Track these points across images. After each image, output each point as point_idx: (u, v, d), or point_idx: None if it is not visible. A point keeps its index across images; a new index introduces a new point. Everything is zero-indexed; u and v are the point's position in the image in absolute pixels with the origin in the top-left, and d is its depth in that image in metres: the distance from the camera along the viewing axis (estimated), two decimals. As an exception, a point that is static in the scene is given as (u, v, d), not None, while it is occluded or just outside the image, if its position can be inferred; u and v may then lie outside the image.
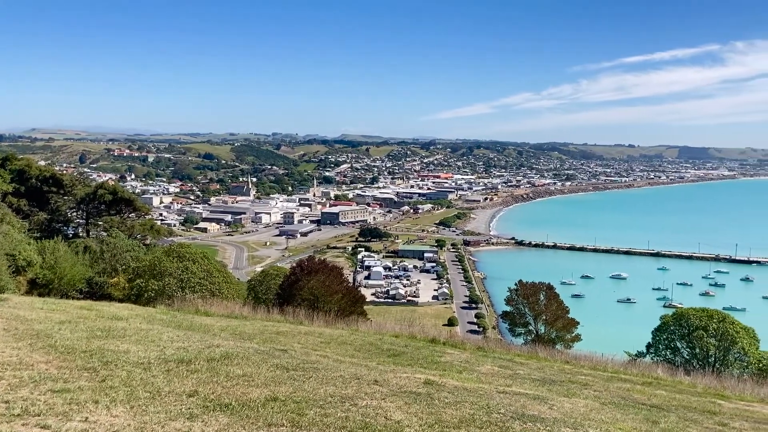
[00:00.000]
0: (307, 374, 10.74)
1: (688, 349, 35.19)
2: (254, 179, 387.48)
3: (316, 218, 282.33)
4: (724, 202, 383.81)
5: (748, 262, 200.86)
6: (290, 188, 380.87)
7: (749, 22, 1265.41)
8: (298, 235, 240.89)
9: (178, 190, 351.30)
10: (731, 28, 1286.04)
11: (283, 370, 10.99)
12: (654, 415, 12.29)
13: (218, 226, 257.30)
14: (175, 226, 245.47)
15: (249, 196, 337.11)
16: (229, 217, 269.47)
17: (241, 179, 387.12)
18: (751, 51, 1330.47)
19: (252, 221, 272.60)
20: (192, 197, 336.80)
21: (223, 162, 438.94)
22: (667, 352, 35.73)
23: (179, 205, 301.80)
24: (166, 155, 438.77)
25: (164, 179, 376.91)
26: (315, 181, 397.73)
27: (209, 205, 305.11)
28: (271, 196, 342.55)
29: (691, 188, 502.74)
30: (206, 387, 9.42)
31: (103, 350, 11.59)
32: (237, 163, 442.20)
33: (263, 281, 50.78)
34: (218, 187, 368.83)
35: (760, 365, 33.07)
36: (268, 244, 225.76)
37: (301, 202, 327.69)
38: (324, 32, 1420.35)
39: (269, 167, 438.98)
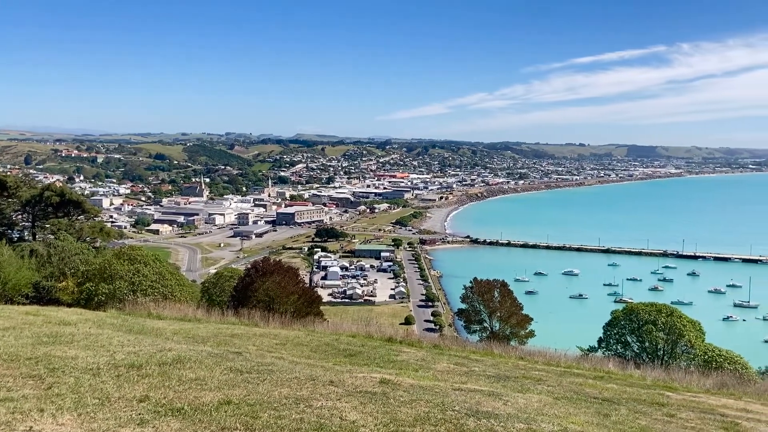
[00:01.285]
0: (261, 376, 10.61)
1: (638, 343, 36.13)
2: (207, 180, 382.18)
3: (272, 219, 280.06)
4: (672, 199, 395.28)
5: (695, 258, 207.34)
6: (244, 189, 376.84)
7: (694, 25, 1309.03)
8: (253, 236, 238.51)
9: (128, 191, 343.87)
10: (677, 30, 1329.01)
11: (237, 373, 10.84)
12: (605, 408, 12.55)
13: (171, 228, 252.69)
14: (125, 228, 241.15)
15: (202, 196, 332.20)
16: (181, 219, 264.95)
17: (193, 180, 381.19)
18: (696, 52, 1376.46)
19: (205, 222, 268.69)
20: (143, 198, 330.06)
21: (176, 162, 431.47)
22: (618, 347, 36.62)
23: (130, 207, 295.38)
24: (116, 156, 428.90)
25: (114, 180, 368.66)
26: (270, 181, 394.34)
27: (161, 206, 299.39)
28: (225, 196, 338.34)
29: (640, 186, 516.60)
30: (158, 392, 9.22)
31: (49, 356, 11.23)
32: (189, 164, 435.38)
33: (217, 283, 50.14)
34: (170, 188, 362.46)
35: (706, 357, 34.16)
36: (222, 245, 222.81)
37: (256, 202, 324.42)
38: (277, 31, 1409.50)
39: (223, 167, 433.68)
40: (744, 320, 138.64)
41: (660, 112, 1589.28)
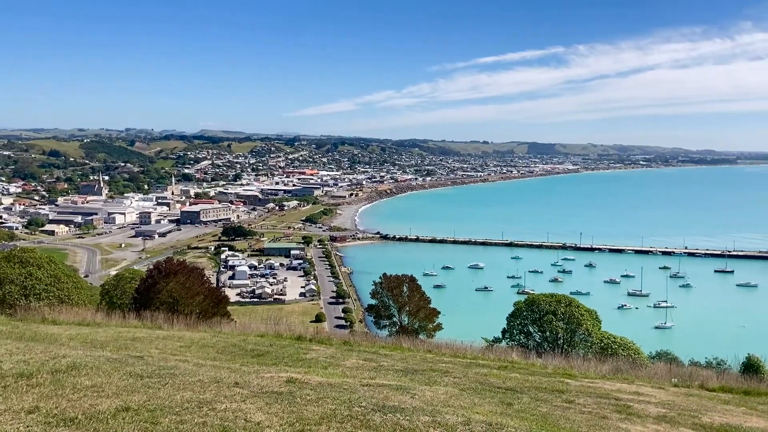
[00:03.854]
0: (163, 381, 10.24)
1: (540, 333, 37.60)
2: (106, 178, 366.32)
3: (176, 218, 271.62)
4: (569, 195, 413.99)
5: (591, 250, 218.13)
6: (146, 187, 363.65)
7: (589, 27, 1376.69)
8: (156, 236, 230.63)
9: (20, 190, 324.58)
10: (574, 32, 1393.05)
11: (137, 378, 10.41)
12: (509, 397, 12.96)
13: (67, 228, 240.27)
14: (17, 229, 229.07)
15: (101, 195, 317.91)
16: (79, 219, 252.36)
17: (92, 178, 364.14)
18: (591, 54, 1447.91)
19: (105, 222, 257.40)
20: (37, 198, 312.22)
21: (72, 159, 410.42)
22: (521, 337, 37.96)
23: (22, 207, 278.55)
24: (5, 152, 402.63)
25: (3, 179, 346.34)
26: (173, 178, 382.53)
27: (57, 205, 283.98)
28: (126, 195, 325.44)
29: (540, 182, 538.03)
30: (49, 402, 8.70)
31: (-74, 370, 10.38)
32: (87, 161, 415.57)
33: (118, 285, 48.69)
34: (66, 186, 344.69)
35: (602, 344, 36.00)
36: (123, 246, 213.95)
37: (159, 201, 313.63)
38: (179, 26, 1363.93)
39: (123, 165, 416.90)
40: (637, 308, 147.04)
41: (559, 111, 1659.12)
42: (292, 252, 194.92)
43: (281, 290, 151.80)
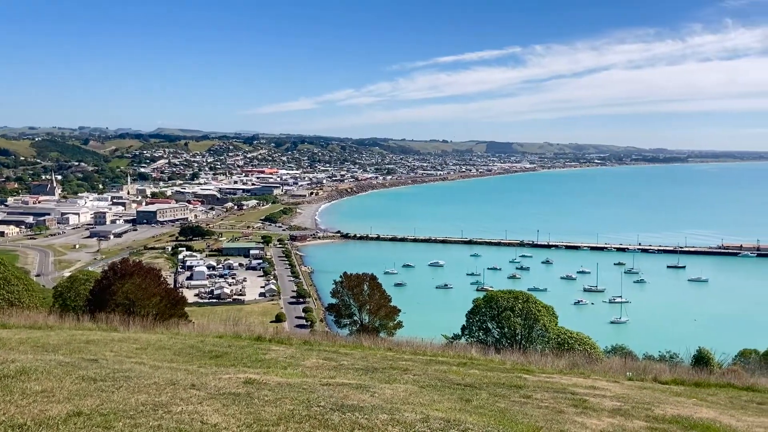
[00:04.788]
0: (117, 384, 10.02)
1: (498, 329, 38.05)
2: (59, 177, 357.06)
3: (132, 218, 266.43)
4: (526, 192, 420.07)
5: (548, 247, 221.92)
6: (101, 186, 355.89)
7: (546, 28, 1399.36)
8: (112, 236, 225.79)
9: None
10: (531, 32, 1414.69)
11: (90, 382, 10.16)
12: (467, 393, 13.07)
13: (18, 229, 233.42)
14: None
15: (54, 195, 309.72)
16: (30, 219, 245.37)
17: (44, 177, 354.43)
18: (548, 54, 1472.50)
19: (58, 223, 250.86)
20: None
21: (22, 158, 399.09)
22: (480, 333, 38.35)
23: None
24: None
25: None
26: (129, 178, 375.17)
27: (6, 206, 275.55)
28: (80, 195, 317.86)
29: (498, 180, 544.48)
30: (-3, 408, 8.42)
31: None
32: (39, 160, 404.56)
33: (72, 287, 47.65)
34: (16, 186, 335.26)
35: (559, 339, 36.62)
36: (77, 246, 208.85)
37: (114, 200, 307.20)
38: (129, 19, 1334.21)
39: (76, 164, 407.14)
40: (592, 303, 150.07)
41: (516, 110, 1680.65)
42: (252, 252, 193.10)
43: (240, 290, 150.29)
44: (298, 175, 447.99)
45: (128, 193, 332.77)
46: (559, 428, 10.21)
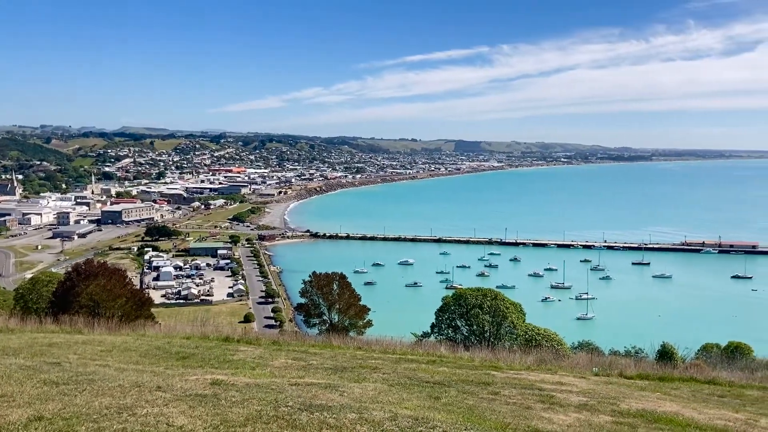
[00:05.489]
0: (80, 387, 9.83)
1: (467, 326, 38.35)
2: (20, 177, 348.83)
3: (96, 218, 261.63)
4: (494, 191, 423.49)
5: (516, 244, 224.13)
6: (65, 186, 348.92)
7: (513, 28, 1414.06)
8: (76, 237, 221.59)
9: None
10: (499, 32, 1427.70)
11: (52, 386, 9.96)
12: (436, 391, 13.13)
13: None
14: None
15: (14, 195, 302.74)
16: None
17: (3, 177, 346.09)
18: (515, 53, 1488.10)
19: (19, 223, 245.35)
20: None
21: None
22: (449, 331, 38.61)
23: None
24: None
25: None
26: (93, 177, 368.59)
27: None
28: (42, 194, 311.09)
29: (467, 179, 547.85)
30: (-46, 414, 8.19)
31: None
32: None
33: (34, 289, 46.85)
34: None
35: (527, 336, 37.06)
36: (39, 247, 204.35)
37: (78, 200, 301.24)
38: (93, 14, 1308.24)
39: (38, 163, 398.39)
40: (559, 300, 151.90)
41: (484, 109, 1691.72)
42: (219, 252, 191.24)
43: (208, 291, 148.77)
44: (266, 174, 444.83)
45: (92, 192, 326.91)
46: (527, 424, 10.31)
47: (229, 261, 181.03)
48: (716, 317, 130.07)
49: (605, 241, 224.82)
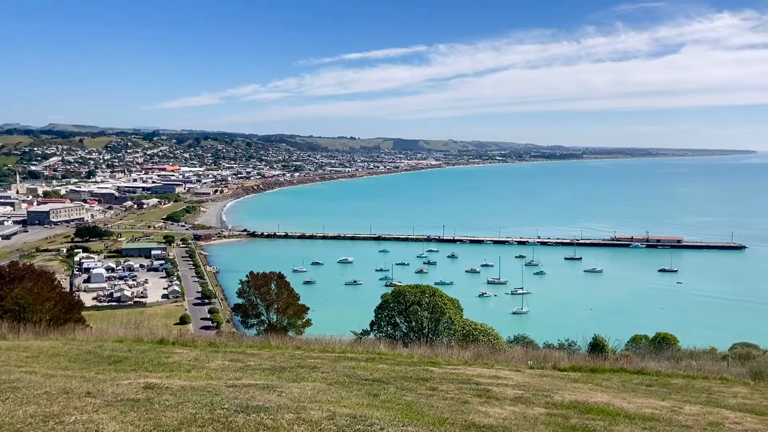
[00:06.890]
0: (3, 395, 9.39)
1: (406, 323, 38.59)
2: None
3: (22, 218, 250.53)
4: (431, 189, 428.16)
5: (454, 241, 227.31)
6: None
7: (450, 28, 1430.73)
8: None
9: None
10: (436, 31, 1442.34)
11: (-28, 395, 9.47)
12: (375, 388, 13.15)
13: None
14: None
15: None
16: None
17: None
18: (451, 53, 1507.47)
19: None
20: None
21: None
22: (389, 328, 38.78)
23: None
24: None
25: None
26: (18, 176, 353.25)
27: None
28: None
29: (405, 177, 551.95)
30: None
31: None
32: None
33: (-47, 294, 43.94)
34: None
35: (464, 331, 37.55)
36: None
37: (2, 200, 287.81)
38: (15, 6, 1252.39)
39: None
40: (495, 295, 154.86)
41: (422, 108, 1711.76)
42: (153, 252, 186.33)
43: (142, 292, 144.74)
44: (201, 173, 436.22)
45: (17, 192, 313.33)
46: (464, 418, 10.45)
47: (163, 262, 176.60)
48: (644, 309, 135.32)
49: (539, 237, 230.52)
